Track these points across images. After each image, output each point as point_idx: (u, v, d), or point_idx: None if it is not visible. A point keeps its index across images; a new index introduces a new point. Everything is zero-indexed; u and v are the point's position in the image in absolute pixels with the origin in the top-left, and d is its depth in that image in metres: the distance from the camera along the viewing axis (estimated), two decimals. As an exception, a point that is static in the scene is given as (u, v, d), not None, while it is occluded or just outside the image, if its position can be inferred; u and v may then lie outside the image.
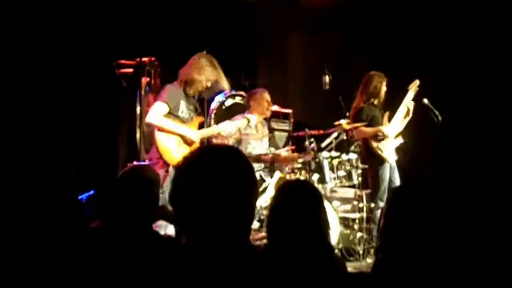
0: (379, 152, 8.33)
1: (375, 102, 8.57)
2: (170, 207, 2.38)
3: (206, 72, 6.84)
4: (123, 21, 9.02)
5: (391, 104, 8.68)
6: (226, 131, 7.17)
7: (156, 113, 6.64)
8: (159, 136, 6.66)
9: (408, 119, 8.65)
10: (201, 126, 7.12)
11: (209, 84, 6.92)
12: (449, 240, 2.43)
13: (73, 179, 7.02)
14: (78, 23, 8.59)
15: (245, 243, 2.33)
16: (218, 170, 2.27)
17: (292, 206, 3.51)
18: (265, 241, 5.56)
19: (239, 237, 2.29)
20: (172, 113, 6.70)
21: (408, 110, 8.60)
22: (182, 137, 6.77)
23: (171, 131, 6.70)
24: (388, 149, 8.40)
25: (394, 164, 8.52)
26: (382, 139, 8.36)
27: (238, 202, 2.26)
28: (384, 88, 8.58)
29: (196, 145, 6.88)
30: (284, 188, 3.86)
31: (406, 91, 8.67)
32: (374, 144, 8.34)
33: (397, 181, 8.44)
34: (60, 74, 8.30)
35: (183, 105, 6.80)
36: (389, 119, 8.56)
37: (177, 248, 2.47)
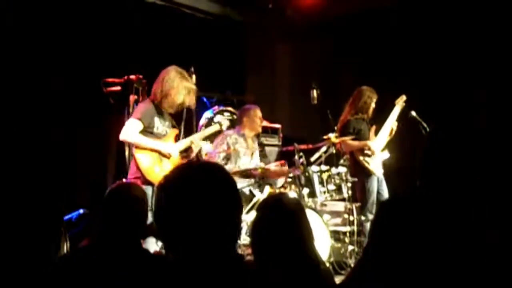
0: (366, 165, 8.35)
1: (363, 116, 8.60)
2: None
3: (174, 85, 6.78)
4: (111, 39, 9.03)
5: (378, 118, 8.72)
6: (198, 139, 7.10)
7: (130, 130, 6.58)
8: (138, 155, 6.61)
9: (390, 137, 8.70)
10: (177, 138, 7.08)
11: (180, 99, 6.84)
12: (436, 254, 2.44)
13: (61, 198, 6.99)
14: (65, 43, 8.60)
15: (232, 257, 2.34)
16: (199, 186, 2.27)
17: (271, 221, 3.50)
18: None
19: (225, 251, 2.29)
20: (146, 131, 6.66)
21: (392, 130, 8.66)
22: (160, 153, 6.73)
23: (148, 148, 6.65)
24: (375, 162, 8.42)
25: (381, 177, 8.54)
26: (369, 155, 8.39)
27: (221, 217, 2.27)
28: (373, 105, 8.61)
29: (177, 159, 6.84)
30: (263, 204, 3.85)
31: (393, 105, 8.72)
32: (361, 157, 8.37)
33: (385, 194, 8.46)
34: (48, 93, 8.30)
35: (157, 121, 6.75)
36: (376, 133, 8.59)
37: (165, 264, 2.48)
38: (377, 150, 8.46)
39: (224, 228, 2.28)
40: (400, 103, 8.73)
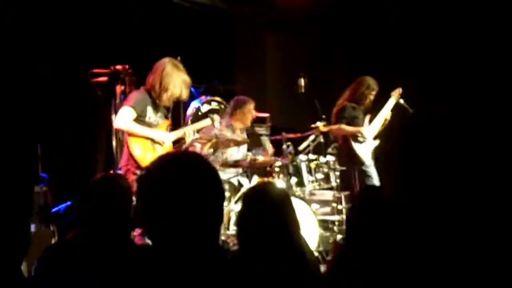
0: (357, 153, 8.36)
1: (359, 106, 8.61)
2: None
3: (172, 79, 6.77)
4: (97, 29, 9.00)
5: (373, 107, 8.74)
6: (190, 131, 7.09)
7: (124, 118, 6.58)
8: (131, 143, 6.61)
9: (383, 127, 8.72)
10: (169, 129, 7.07)
11: (178, 92, 6.85)
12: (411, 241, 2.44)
13: (50, 188, 6.97)
14: (51, 34, 8.57)
15: (214, 247, 2.34)
16: (181, 175, 2.27)
17: (256, 211, 3.49)
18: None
19: (207, 241, 2.29)
20: (139, 119, 6.65)
21: (386, 120, 8.68)
22: (153, 140, 6.73)
23: (141, 136, 6.64)
24: (365, 149, 8.43)
25: (371, 163, 8.55)
26: (361, 141, 8.40)
27: (203, 207, 2.26)
28: (371, 97, 8.62)
29: (169, 148, 6.84)
30: (249, 193, 3.84)
31: (385, 96, 8.74)
32: (354, 144, 8.37)
33: (375, 180, 8.48)
34: (34, 85, 8.27)
35: (150, 111, 6.74)
36: (370, 122, 8.60)
37: (149, 255, 2.48)
38: (370, 137, 8.47)
39: (206, 218, 2.28)
40: (395, 95, 8.76)
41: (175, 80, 6.76)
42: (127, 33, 9.28)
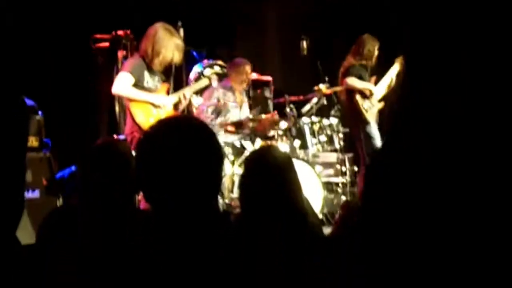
0: (363, 111, 8.35)
1: (368, 64, 8.60)
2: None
3: (164, 43, 6.75)
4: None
5: (377, 72, 8.75)
6: (188, 93, 7.09)
7: (122, 83, 6.56)
8: (133, 109, 6.62)
9: (388, 90, 8.72)
10: (168, 93, 7.07)
11: (170, 56, 6.83)
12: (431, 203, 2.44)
13: (54, 154, 6.99)
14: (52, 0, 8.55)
15: (212, 210, 2.35)
16: (179, 139, 2.28)
17: (258, 174, 3.49)
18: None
19: (205, 203, 2.30)
20: (137, 85, 6.64)
21: (391, 81, 8.67)
22: (153, 105, 6.72)
23: (141, 100, 6.64)
24: (372, 109, 8.44)
25: (376, 125, 8.56)
26: (368, 98, 8.40)
27: (201, 170, 2.27)
28: (376, 52, 8.61)
29: (171, 111, 6.84)
30: (250, 156, 3.84)
31: (392, 62, 8.74)
32: (360, 102, 8.35)
33: (378, 144, 8.49)
34: (36, 51, 8.26)
35: (147, 76, 6.72)
36: (375, 84, 8.60)
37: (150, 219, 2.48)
38: (377, 96, 8.47)
39: (204, 182, 2.29)
40: (400, 62, 8.75)
41: (167, 44, 6.73)
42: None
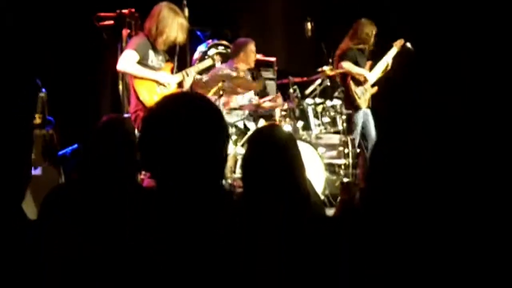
0: (356, 97, 8.38)
1: (363, 47, 8.61)
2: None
3: (168, 22, 6.75)
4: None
5: (373, 56, 8.75)
6: (192, 73, 7.09)
7: (128, 61, 6.57)
8: (137, 87, 6.62)
9: (384, 73, 8.73)
10: (172, 72, 7.07)
11: (174, 36, 6.82)
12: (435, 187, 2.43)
13: (57, 132, 7.00)
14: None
15: (217, 188, 2.35)
16: (184, 115, 2.27)
17: (261, 154, 3.48)
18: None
19: (210, 182, 2.30)
20: (141, 63, 6.65)
21: (387, 65, 8.69)
22: (158, 82, 6.73)
23: (146, 78, 6.65)
24: (365, 96, 8.44)
25: (368, 111, 8.59)
26: (362, 84, 8.41)
27: (206, 147, 2.27)
28: (373, 37, 8.62)
29: (175, 90, 6.85)
30: (253, 136, 3.84)
31: (390, 46, 8.75)
32: (353, 87, 8.37)
33: (371, 128, 8.52)
34: (40, 28, 8.25)
35: (151, 55, 6.74)
36: (370, 69, 8.61)
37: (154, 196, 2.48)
38: (370, 81, 8.50)
39: (210, 159, 2.29)
40: (398, 45, 8.77)
41: (171, 23, 6.73)
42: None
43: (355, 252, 2.55)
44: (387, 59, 8.72)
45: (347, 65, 8.36)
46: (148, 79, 6.66)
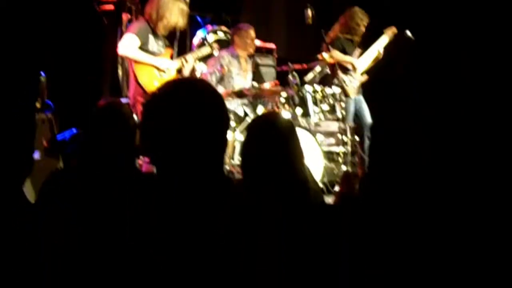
0: (344, 84, 8.35)
1: (352, 38, 8.59)
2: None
3: (169, 7, 6.74)
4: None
5: (364, 43, 8.72)
6: (191, 59, 7.09)
7: (129, 45, 6.58)
8: (137, 71, 6.62)
9: (375, 62, 8.69)
10: (172, 58, 7.07)
11: (174, 21, 6.82)
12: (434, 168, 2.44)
13: (56, 116, 6.99)
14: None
15: (217, 175, 2.35)
16: (186, 101, 2.26)
17: (260, 141, 3.48)
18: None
19: (210, 168, 2.30)
20: (142, 48, 6.65)
21: (379, 54, 8.64)
22: (158, 68, 6.73)
23: (146, 63, 6.65)
24: (353, 83, 8.41)
25: (360, 99, 8.59)
26: (350, 74, 8.38)
27: (207, 133, 2.27)
28: (363, 28, 8.59)
29: (174, 75, 6.85)
30: (253, 123, 3.84)
31: (381, 33, 8.71)
32: (341, 76, 8.34)
33: (366, 115, 8.51)
34: (39, 12, 8.22)
35: (152, 40, 6.75)
36: (359, 57, 8.58)
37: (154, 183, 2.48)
38: (360, 70, 8.46)
39: (210, 145, 2.29)
40: (389, 33, 8.71)
41: (171, 8, 6.74)
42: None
43: (356, 241, 2.56)
44: (378, 47, 8.64)
45: (334, 54, 8.33)
46: (148, 64, 6.66)
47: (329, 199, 6.15)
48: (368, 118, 8.50)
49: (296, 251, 2.72)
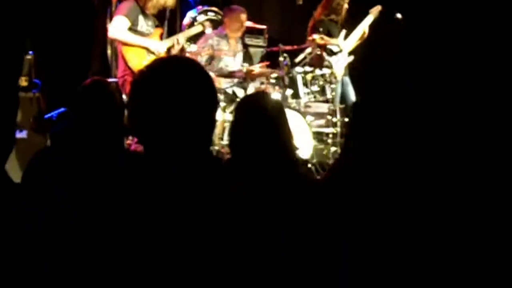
0: (330, 65, 8.33)
1: (336, 18, 8.57)
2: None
3: None
4: None
5: (349, 23, 8.71)
6: (182, 39, 7.08)
7: (119, 28, 6.57)
8: (126, 53, 6.61)
9: (361, 41, 8.68)
10: (162, 37, 7.06)
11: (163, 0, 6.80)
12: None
13: (43, 95, 6.96)
14: None
15: (205, 154, 2.32)
16: (174, 78, 2.24)
17: (248, 121, 3.47)
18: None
19: (198, 147, 2.27)
20: (131, 29, 6.63)
21: (364, 33, 8.63)
22: (147, 49, 6.72)
23: (136, 45, 6.63)
24: (339, 64, 8.39)
25: (347, 80, 8.59)
26: (335, 54, 8.36)
27: (195, 112, 2.24)
28: (346, 6, 8.57)
29: (163, 56, 6.84)
30: (241, 103, 3.83)
31: (366, 13, 8.69)
32: (326, 57, 8.32)
33: (351, 96, 8.51)
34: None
35: (141, 20, 6.73)
36: (345, 38, 8.55)
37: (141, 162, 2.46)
38: (345, 50, 8.44)
39: (198, 124, 2.26)
40: (374, 12, 8.71)
41: None
42: None
43: (345, 213, 2.55)
44: (363, 27, 8.65)
45: (316, 39, 8.30)
46: (138, 46, 6.64)
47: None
48: (353, 98, 8.50)
49: (287, 227, 2.72)
